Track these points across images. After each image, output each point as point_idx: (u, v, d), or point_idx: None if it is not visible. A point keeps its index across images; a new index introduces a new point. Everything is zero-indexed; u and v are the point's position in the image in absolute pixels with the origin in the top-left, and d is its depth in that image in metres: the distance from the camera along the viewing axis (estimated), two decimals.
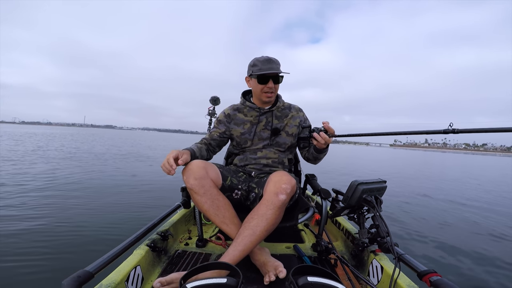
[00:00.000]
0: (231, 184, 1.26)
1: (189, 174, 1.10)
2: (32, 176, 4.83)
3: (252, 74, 1.31)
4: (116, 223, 2.76)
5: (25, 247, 2.11)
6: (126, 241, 1.04)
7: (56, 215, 2.87)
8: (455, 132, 0.85)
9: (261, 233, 1.02)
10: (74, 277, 0.76)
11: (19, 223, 2.57)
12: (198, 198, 1.10)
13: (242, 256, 1.00)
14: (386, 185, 1.17)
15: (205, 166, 1.14)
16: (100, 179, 5.07)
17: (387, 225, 1.05)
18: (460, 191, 6.50)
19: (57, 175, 5.10)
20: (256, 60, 1.31)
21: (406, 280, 0.95)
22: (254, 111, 1.41)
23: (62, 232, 2.44)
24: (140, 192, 4.30)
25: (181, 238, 1.55)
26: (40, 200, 3.36)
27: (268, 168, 1.40)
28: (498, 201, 5.56)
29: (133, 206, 3.43)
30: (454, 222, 3.66)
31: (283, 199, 1.04)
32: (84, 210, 3.12)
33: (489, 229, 3.44)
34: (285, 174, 1.14)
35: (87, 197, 3.71)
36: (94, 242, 2.28)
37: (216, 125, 1.46)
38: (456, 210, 4.39)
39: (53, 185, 4.26)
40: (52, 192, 3.83)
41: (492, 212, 4.44)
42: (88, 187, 4.28)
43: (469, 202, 5.19)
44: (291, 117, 1.44)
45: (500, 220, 3.96)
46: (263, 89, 1.31)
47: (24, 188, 3.90)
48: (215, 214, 1.11)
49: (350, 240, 1.49)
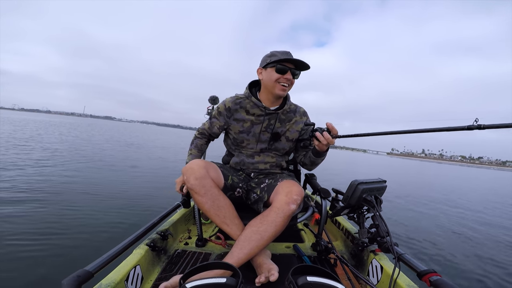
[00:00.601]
0: (232, 183, 1.27)
1: (189, 173, 1.10)
2: (28, 169, 4.83)
3: (269, 63, 1.20)
4: (115, 223, 2.76)
5: (25, 247, 2.11)
6: (126, 241, 1.04)
7: (55, 215, 2.87)
8: (481, 128, 0.72)
9: (269, 239, 1.05)
10: (73, 276, 0.76)
11: (16, 221, 2.57)
12: (199, 198, 1.10)
13: (247, 259, 1.01)
14: (386, 184, 1.16)
15: (205, 165, 1.13)
16: (99, 178, 5.07)
17: (387, 224, 1.05)
18: (457, 197, 6.52)
19: (53, 169, 5.10)
20: (275, 51, 1.22)
21: (406, 280, 0.95)
22: (258, 110, 1.30)
23: (61, 233, 2.43)
24: (140, 192, 4.29)
25: (181, 238, 1.55)
26: (38, 198, 3.36)
27: (267, 171, 1.40)
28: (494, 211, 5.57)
29: (132, 206, 3.43)
30: (452, 225, 3.66)
31: (293, 209, 1.07)
32: (84, 210, 3.12)
33: (488, 229, 3.45)
34: (295, 184, 1.16)
35: (87, 197, 3.70)
36: (93, 242, 2.28)
37: (217, 116, 1.37)
38: (453, 214, 4.40)
39: (50, 180, 4.25)
40: (51, 190, 3.83)
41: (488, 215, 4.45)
42: (87, 188, 4.27)
43: (466, 206, 5.19)
44: (294, 121, 1.37)
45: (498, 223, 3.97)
46: (279, 79, 1.19)
47: (20, 188, 3.90)
48: (216, 215, 1.11)
49: (350, 239, 1.49)
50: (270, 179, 1.29)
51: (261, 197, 1.24)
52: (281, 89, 1.21)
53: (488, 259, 2.47)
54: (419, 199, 5.51)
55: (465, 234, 3.26)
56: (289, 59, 1.18)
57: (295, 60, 1.18)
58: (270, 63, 1.20)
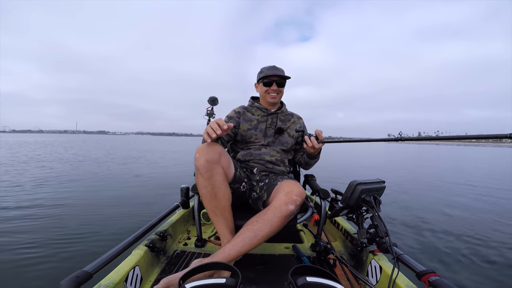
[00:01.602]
0: (240, 176, 1.27)
1: (202, 153, 1.08)
2: (27, 178, 4.81)
3: (259, 80, 1.51)
4: (114, 224, 2.75)
5: (23, 248, 2.10)
6: (125, 241, 1.04)
7: (54, 215, 2.86)
8: (402, 140, 1.06)
9: (262, 238, 1.03)
10: (72, 277, 0.76)
11: (17, 222, 2.56)
12: (201, 180, 1.10)
13: (238, 256, 1.00)
14: (384, 185, 1.17)
15: (220, 151, 1.12)
16: (99, 180, 5.06)
17: (385, 225, 1.05)
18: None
19: (52, 176, 5.09)
20: (263, 68, 1.52)
21: (405, 280, 0.96)
22: (261, 111, 1.54)
23: (60, 233, 2.43)
24: (139, 193, 4.29)
25: (180, 238, 1.55)
26: (38, 201, 3.35)
27: (271, 166, 1.43)
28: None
29: (131, 207, 3.42)
30: (452, 222, 3.68)
31: (292, 209, 1.05)
32: (83, 211, 3.11)
33: (488, 229, 3.46)
34: (296, 185, 1.14)
35: (87, 198, 3.70)
36: (92, 243, 2.28)
37: (227, 120, 1.52)
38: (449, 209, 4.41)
39: (51, 186, 4.24)
40: (51, 192, 3.82)
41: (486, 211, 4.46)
42: (87, 187, 4.27)
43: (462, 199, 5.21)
44: (293, 121, 1.59)
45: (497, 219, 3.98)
46: (267, 90, 1.48)
47: (23, 191, 3.89)
48: (209, 201, 1.12)
49: (349, 240, 1.49)
50: (271, 179, 1.29)
51: (261, 196, 1.24)
52: (271, 97, 1.49)
53: (490, 258, 2.48)
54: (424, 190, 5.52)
55: (473, 232, 3.27)
56: (273, 73, 1.45)
57: (279, 75, 1.46)
58: (260, 79, 1.50)
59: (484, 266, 2.35)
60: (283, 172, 1.47)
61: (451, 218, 3.85)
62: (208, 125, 1.07)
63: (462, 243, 2.85)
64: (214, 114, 2.06)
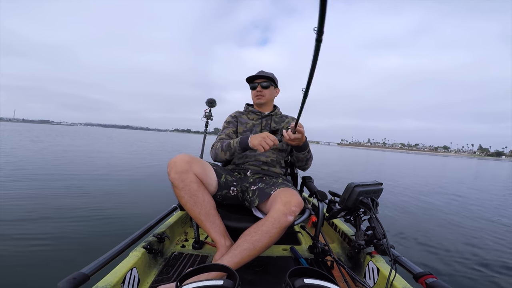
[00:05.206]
0: (226, 181, 1.28)
1: (171, 167, 1.12)
2: (26, 174, 4.78)
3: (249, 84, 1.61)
4: (112, 225, 2.73)
5: (21, 249, 2.08)
6: (122, 243, 1.04)
7: (52, 216, 2.84)
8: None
9: (261, 249, 1.03)
10: (69, 279, 0.75)
11: (13, 224, 2.54)
12: (177, 191, 1.13)
13: (235, 268, 1.00)
14: (382, 187, 1.18)
15: (189, 160, 1.14)
16: (96, 180, 5.03)
17: (383, 227, 1.06)
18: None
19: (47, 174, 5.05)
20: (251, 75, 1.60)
21: (402, 282, 0.96)
22: (255, 115, 1.62)
23: (58, 234, 2.41)
24: (137, 194, 4.27)
25: (178, 240, 1.54)
26: (35, 200, 3.32)
27: (267, 167, 1.45)
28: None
29: (129, 208, 3.41)
30: (450, 225, 3.70)
31: (290, 220, 1.05)
32: (82, 211, 3.09)
33: (487, 230, 3.48)
34: (294, 194, 1.13)
35: (86, 198, 3.67)
36: (90, 244, 2.26)
37: (227, 125, 1.62)
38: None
39: (46, 184, 4.21)
40: (49, 192, 3.79)
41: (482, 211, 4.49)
42: (86, 188, 4.24)
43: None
44: (287, 122, 1.64)
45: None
46: (254, 92, 1.59)
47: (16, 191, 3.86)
48: (192, 209, 1.14)
49: (347, 242, 1.50)
50: (264, 184, 1.28)
51: (252, 201, 1.24)
52: (257, 98, 1.59)
53: (488, 259, 2.50)
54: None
55: (473, 232, 3.30)
56: (256, 76, 1.55)
57: (259, 75, 1.55)
58: (248, 83, 1.62)
59: (481, 268, 2.36)
60: (279, 174, 1.48)
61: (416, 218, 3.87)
62: (262, 139, 1.19)
63: (459, 245, 2.87)
64: (212, 116, 2.06)
